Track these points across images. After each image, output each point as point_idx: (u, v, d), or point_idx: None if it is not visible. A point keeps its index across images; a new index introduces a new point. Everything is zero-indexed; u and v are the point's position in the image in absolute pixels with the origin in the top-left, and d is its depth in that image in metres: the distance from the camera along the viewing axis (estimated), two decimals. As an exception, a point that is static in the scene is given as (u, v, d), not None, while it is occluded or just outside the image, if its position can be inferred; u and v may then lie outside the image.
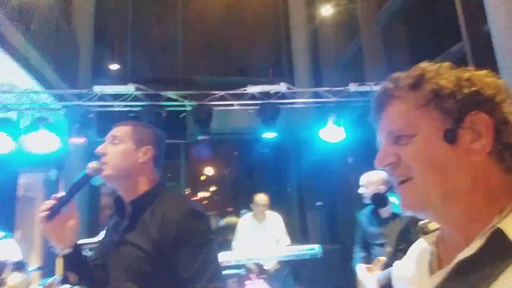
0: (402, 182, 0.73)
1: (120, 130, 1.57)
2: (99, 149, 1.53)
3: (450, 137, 0.69)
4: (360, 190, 3.22)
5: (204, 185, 12.80)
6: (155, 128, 1.69)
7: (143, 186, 1.55)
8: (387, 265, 2.99)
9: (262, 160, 7.73)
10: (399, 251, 2.98)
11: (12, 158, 4.22)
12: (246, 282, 3.89)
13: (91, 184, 1.55)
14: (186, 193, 10.17)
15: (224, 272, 3.08)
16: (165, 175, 10.50)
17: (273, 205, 5.57)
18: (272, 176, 8.57)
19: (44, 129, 3.88)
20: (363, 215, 3.26)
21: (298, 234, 7.10)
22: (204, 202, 13.53)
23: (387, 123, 0.77)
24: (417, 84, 0.74)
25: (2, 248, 2.78)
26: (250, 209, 5.43)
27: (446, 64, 0.76)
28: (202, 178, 12.83)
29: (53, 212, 1.43)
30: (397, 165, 0.74)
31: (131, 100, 4.22)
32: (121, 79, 7.02)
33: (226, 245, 7.29)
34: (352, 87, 4.76)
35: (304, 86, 6.57)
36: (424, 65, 0.76)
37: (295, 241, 6.20)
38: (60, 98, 4.12)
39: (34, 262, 6.54)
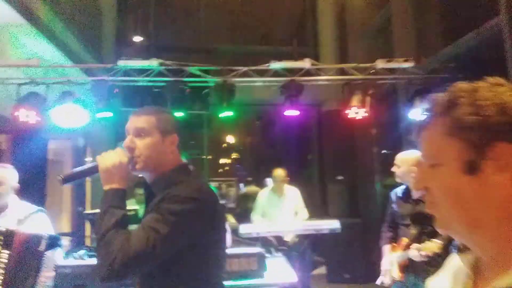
0: (432, 205, 0.74)
1: (144, 121, 1.58)
2: (127, 143, 1.56)
3: (471, 168, 0.68)
4: (393, 169, 3.20)
5: (226, 153, 12.96)
6: (172, 113, 1.72)
7: (164, 169, 1.59)
8: (408, 246, 3.02)
9: (284, 131, 7.71)
10: (424, 234, 2.98)
11: (42, 127, 4.37)
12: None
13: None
14: (208, 158, 10.34)
15: (244, 251, 3.18)
16: (188, 142, 10.68)
17: (294, 176, 5.62)
18: (294, 146, 8.56)
19: (70, 103, 3.97)
20: (395, 195, 3.25)
21: (318, 207, 7.16)
22: (225, 169, 13.79)
23: (422, 148, 0.76)
24: (445, 110, 0.72)
25: (35, 222, 2.77)
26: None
27: (483, 85, 0.71)
28: (224, 145, 12.97)
29: (67, 180, 1.53)
30: (429, 191, 0.74)
31: (155, 76, 4.23)
32: (145, 48, 7.01)
33: (246, 214, 7.47)
34: (380, 64, 4.59)
35: (329, 59, 6.39)
36: (459, 86, 0.73)
37: (315, 214, 6.29)
38: (86, 72, 4.17)
39: (65, 225, 6.92)
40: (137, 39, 7.06)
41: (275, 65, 4.49)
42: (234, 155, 13.42)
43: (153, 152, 1.56)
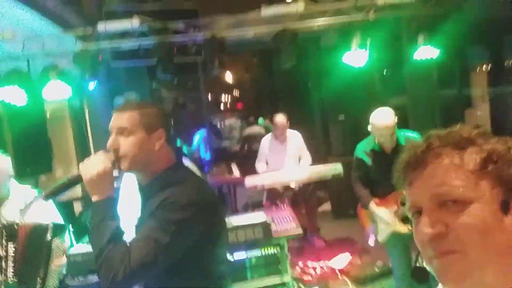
0: (445, 253, 0.66)
1: (126, 120, 1.50)
2: (111, 144, 1.50)
3: (506, 208, 0.64)
4: (369, 128, 3.10)
5: (225, 90, 12.65)
6: (159, 105, 1.65)
7: (157, 169, 1.54)
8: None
9: (282, 69, 7.43)
10: None
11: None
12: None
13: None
14: (208, 99, 10.21)
15: (248, 222, 3.21)
16: (186, 83, 10.43)
17: (294, 118, 5.54)
18: (294, 82, 8.30)
19: (55, 78, 3.79)
20: (364, 152, 3.16)
21: (321, 147, 7.16)
22: (227, 106, 13.60)
23: (432, 184, 0.67)
24: (468, 145, 0.68)
25: (39, 209, 2.60)
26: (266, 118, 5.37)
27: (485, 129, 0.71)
28: (223, 83, 12.66)
29: (50, 196, 1.53)
30: (445, 235, 0.65)
31: (139, 36, 3.97)
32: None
33: (251, 155, 7.53)
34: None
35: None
36: (468, 127, 0.71)
37: (318, 154, 6.30)
38: (64, 41, 3.91)
39: (76, 187, 7.02)
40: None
41: (266, 11, 4.15)
42: (234, 92, 13.19)
43: (138, 150, 1.49)
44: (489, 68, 6.20)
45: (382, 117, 2.99)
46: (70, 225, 2.90)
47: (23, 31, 3.89)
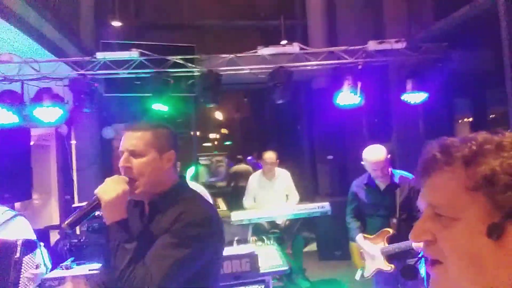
0: (434, 262, 0.67)
1: (139, 139, 1.50)
2: (123, 163, 1.49)
3: (495, 233, 0.61)
4: (363, 163, 3.18)
5: (214, 129, 12.74)
6: (169, 127, 1.62)
7: (164, 187, 1.54)
8: (394, 236, 3.04)
9: (272, 108, 7.58)
10: (401, 221, 3.03)
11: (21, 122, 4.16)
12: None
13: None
14: (196, 135, 10.27)
15: (235, 252, 3.14)
16: (176, 120, 10.50)
17: (284, 155, 5.56)
18: (283, 123, 8.43)
19: (48, 102, 3.78)
20: (358, 187, 3.25)
21: (309, 186, 7.18)
22: (214, 143, 13.66)
23: (430, 194, 0.69)
24: (471, 161, 0.64)
25: (13, 229, 2.60)
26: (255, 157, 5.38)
27: (509, 139, 0.64)
28: (212, 121, 12.78)
29: (72, 226, 1.47)
30: (432, 244, 0.67)
31: (136, 66, 4.03)
32: (126, 29, 6.67)
33: (237, 192, 7.47)
34: (372, 46, 4.43)
35: (319, 41, 6.15)
36: (484, 136, 0.66)
37: (306, 193, 6.30)
38: (60, 68, 3.94)
39: (54, 214, 6.81)
40: (116, 23, 6.67)
41: (263, 51, 4.30)
42: (223, 131, 13.28)
43: (151, 171, 1.49)
44: (471, 120, 6.43)
45: (373, 153, 3.08)
46: (42, 244, 2.79)
47: (21, 55, 3.91)
